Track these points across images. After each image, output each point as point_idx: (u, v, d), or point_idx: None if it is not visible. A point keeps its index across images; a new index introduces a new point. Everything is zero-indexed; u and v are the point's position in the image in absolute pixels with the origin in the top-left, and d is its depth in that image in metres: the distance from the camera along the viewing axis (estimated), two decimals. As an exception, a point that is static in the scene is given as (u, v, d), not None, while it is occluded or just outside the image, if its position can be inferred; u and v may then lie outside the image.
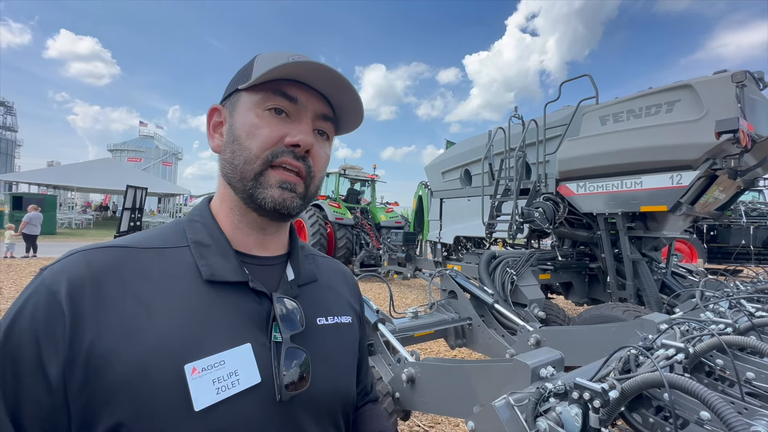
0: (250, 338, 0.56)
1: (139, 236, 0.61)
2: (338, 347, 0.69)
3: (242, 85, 0.62)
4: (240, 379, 0.52)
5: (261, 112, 0.62)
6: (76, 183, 24.25)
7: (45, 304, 0.48)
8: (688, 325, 1.58)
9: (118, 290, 0.51)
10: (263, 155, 0.60)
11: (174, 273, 0.56)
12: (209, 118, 0.68)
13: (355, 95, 0.65)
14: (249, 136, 0.61)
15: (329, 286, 0.76)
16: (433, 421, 2.68)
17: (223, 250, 0.61)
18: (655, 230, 3.82)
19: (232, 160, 0.62)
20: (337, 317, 0.71)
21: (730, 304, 2.09)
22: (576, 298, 4.75)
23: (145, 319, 0.50)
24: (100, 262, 0.53)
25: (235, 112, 0.64)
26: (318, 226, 8.88)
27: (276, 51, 0.65)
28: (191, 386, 0.48)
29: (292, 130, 0.62)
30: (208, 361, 0.51)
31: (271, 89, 0.62)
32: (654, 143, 3.36)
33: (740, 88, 2.89)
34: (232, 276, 0.59)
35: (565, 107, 4.75)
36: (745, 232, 11.08)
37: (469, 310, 2.74)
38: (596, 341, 2.07)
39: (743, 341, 1.22)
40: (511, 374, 1.20)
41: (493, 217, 5.04)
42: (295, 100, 0.63)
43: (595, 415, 0.92)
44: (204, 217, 0.65)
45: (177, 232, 0.63)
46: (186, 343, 0.51)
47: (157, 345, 0.49)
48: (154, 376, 0.48)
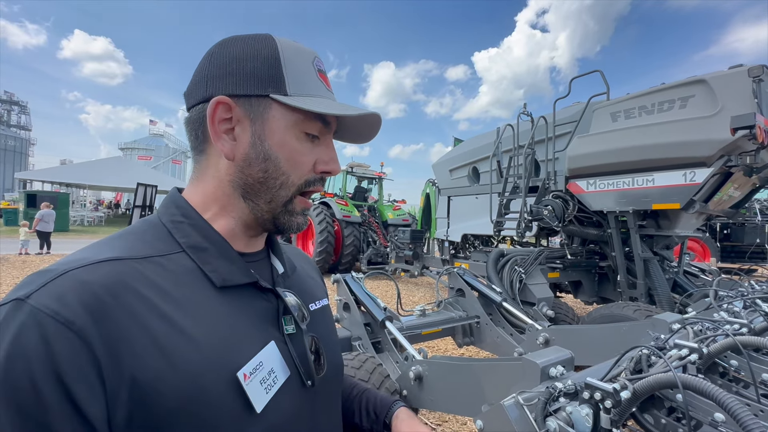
0: (270, 336, 0.58)
1: (120, 245, 0.52)
2: (329, 328, 0.74)
3: (280, 97, 0.56)
4: (277, 376, 0.55)
5: (299, 134, 0.59)
6: (87, 181, 24.65)
7: (57, 339, 0.39)
8: (701, 325, 1.55)
9: (139, 310, 0.46)
10: (299, 183, 0.60)
11: (182, 283, 0.52)
12: (213, 113, 0.56)
13: (377, 131, 0.68)
14: (289, 162, 0.58)
15: (306, 272, 0.79)
16: (440, 419, 2.68)
17: (225, 252, 0.58)
18: (667, 228, 3.76)
19: (263, 180, 0.58)
20: (320, 301, 0.75)
21: (745, 304, 2.05)
22: (585, 297, 4.70)
23: (177, 338, 0.47)
24: (109, 278, 0.46)
25: (267, 125, 0.57)
26: (325, 223, 8.90)
27: (296, 45, 0.60)
28: (248, 391, 0.50)
29: (321, 155, 0.61)
30: (251, 365, 0.52)
31: (311, 113, 0.58)
32: (667, 140, 3.30)
33: (757, 82, 2.82)
34: (242, 278, 0.58)
35: (575, 104, 4.69)
36: (759, 231, 10.84)
37: (477, 309, 2.73)
38: (606, 341, 2.04)
39: (759, 342, 1.20)
40: (520, 373, 1.19)
41: (502, 215, 5.01)
42: (329, 124, 0.62)
43: (606, 415, 0.91)
44: (189, 217, 0.58)
45: (161, 236, 0.56)
46: (227, 353, 0.51)
47: (202, 360, 0.47)
48: (211, 393, 0.47)
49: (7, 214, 20.04)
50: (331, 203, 9.45)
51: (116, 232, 0.57)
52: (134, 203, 12.77)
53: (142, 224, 0.58)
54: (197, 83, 0.59)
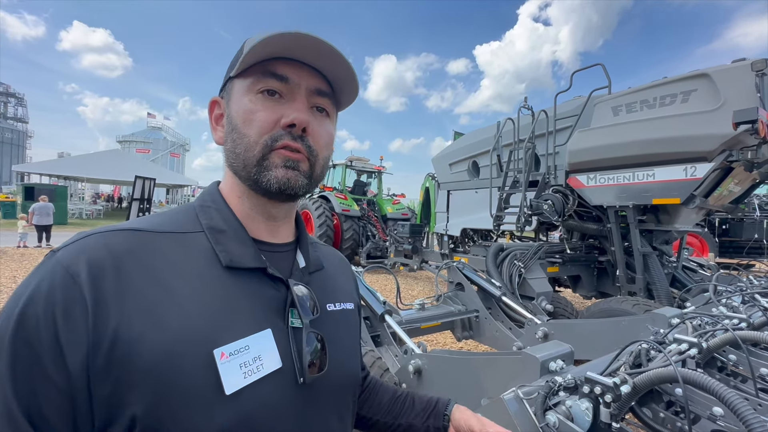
0: (269, 324, 0.57)
1: (151, 220, 0.59)
2: (346, 332, 0.71)
3: (233, 72, 0.61)
4: (264, 364, 0.53)
5: (254, 97, 0.60)
6: (85, 174, 24.54)
7: (63, 287, 0.46)
8: (700, 319, 1.56)
9: (140, 274, 0.50)
10: (262, 140, 0.59)
11: (192, 258, 0.55)
12: (210, 111, 0.67)
13: (346, 64, 0.62)
14: (245, 123, 0.60)
15: (333, 273, 0.78)
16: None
17: (240, 236, 0.61)
18: (666, 223, 3.76)
19: (233, 149, 0.61)
20: (342, 304, 0.73)
21: (744, 298, 2.05)
22: (584, 291, 4.72)
23: (169, 305, 0.50)
24: (120, 245, 0.51)
25: (231, 101, 0.63)
26: (325, 217, 8.89)
27: (265, 31, 0.61)
28: (221, 370, 0.49)
29: (286, 110, 0.60)
30: (234, 346, 0.51)
31: (260, 71, 0.60)
32: (668, 134, 3.29)
33: (760, 77, 2.80)
34: (251, 262, 0.59)
35: (576, 97, 4.66)
36: (758, 226, 10.86)
37: (476, 303, 2.74)
38: (606, 335, 2.04)
39: (758, 336, 1.20)
40: (520, 367, 1.19)
41: (501, 210, 5.00)
42: (286, 78, 0.61)
43: (606, 409, 0.91)
44: (216, 202, 0.64)
45: (189, 217, 0.61)
46: (213, 329, 0.51)
47: (185, 330, 0.49)
48: (184, 361, 0.47)
49: (5, 207, 19.97)
50: (330, 197, 9.43)
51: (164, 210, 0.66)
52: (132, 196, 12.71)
53: (183, 206, 0.65)
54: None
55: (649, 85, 3.53)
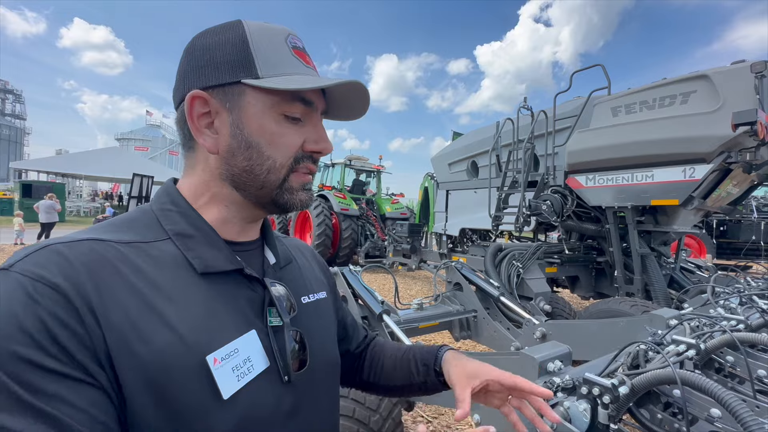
0: (252, 325, 0.56)
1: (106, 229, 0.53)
2: (323, 321, 0.72)
3: (250, 81, 0.55)
4: (253, 365, 0.53)
5: (278, 117, 0.57)
6: (84, 171, 24.44)
7: (44, 297, 0.41)
8: (698, 321, 1.56)
9: (116, 285, 0.47)
10: (288, 164, 0.59)
11: (164, 268, 0.52)
12: (191, 108, 0.56)
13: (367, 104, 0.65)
14: (272, 145, 0.57)
15: (303, 264, 0.77)
16: (436, 411, 2.70)
17: (211, 239, 0.58)
18: (665, 224, 3.77)
19: (248, 168, 0.57)
20: (315, 294, 0.73)
21: (741, 300, 2.05)
22: (582, 292, 4.72)
23: (150, 315, 0.47)
24: (87, 255, 0.47)
25: (243, 113, 0.56)
26: (323, 216, 8.88)
27: (266, 25, 0.59)
28: (216, 376, 0.49)
29: (308, 134, 0.60)
30: (224, 350, 0.51)
31: (288, 93, 0.57)
32: (667, 135, 3.29)
33: (759, 78, 2.81)
34: (227, 265, 0.57)
35: (575, 98, 4.66)
36: (756, 228, 10.89)
37: (474, 303, 2.73)
38: (604, 336, 2.05)
39: (755, 338, 1.20)
40: (518, 368, 1.19)
41: (500, 210, 5.00)
42: (312, 104, 0.60)
43: (604, 410, 0.91)
44: (179, 205, 0.59)
45: (149, 224, 0.56)
46: (200, 336, 0.50)
47: (172, 340, 0.47)
48: (176, 372, 0.46)
49: (2, 204, 19.90)
50: (329, 196, 9.42)
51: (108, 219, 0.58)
52: (130, 194, 12.68)
53: (134, 212, 0.59)
54: (178, 81, 0.60)
55: (648, 86, 3.53)
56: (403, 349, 0.88)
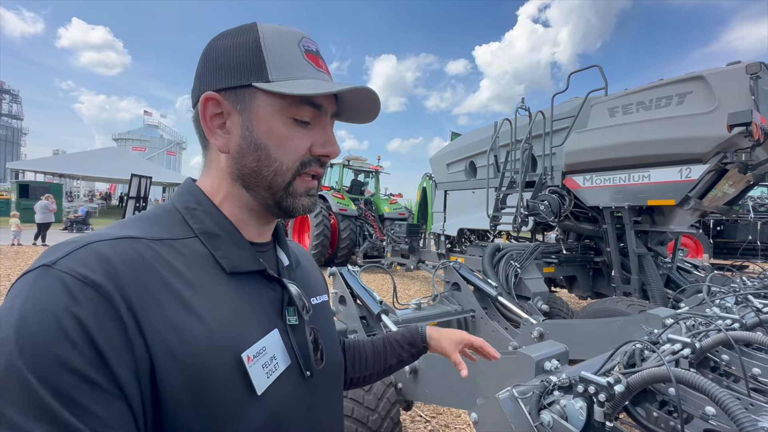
0: (274, 324, 0.59)
1: (136, 226, 0.54)
2: (328, 323, 0.75)
3: (261, 84, 0.56)
4: (278, 363, 0.56)
5: (287, 120, 0.58)
6: (81, 172, 24.36)
7: (87, 300, 0.41)
8: (694, 320, 1.57)
9: (156, 286, 0.47)
10: (294, 167, 0.60)
11: (194, 266, 0.53)
12: (204, 109, 0.58)
13: (378, 108, 0.66)
14: (279, 148, 0.58)
15: (307, 267, 0.80)
16: (435, 411, 2.70)
17: (236, 240, 0.60)
18: (662, 224, 3.79)
19: (257, 169, 0.59)
20: (320, 296, 0.76)
21: (737, 299, 2.07)
22: (580, 291, 4.74)
23: (187, 314, 0.48)
24: (129, 254, 0.47)
25: (253, 115, 0.57)
26: (322, 217, 8.88)
27: (280, 28, 0.60)
28: (251, 373, 0.51)
29: (317, 138, 0.61)
30: (255, 348, 0.53)
31: (298, 97, 0.57)
32: (664, 136, 3.31)
33: (755, 80, 2.83)
34: (251, 265, 0.59)
35: (573, 99, 4.68)
36: (752, 228, 10.94)
37: (472, 302, 2.74)
38: (600, 335, 2.06)
39: (750, 337, 1.21)
40: (515, 367, 1.20)
41: (498, 210, 5.02)
42: (321, 107, 0.60)
43: (600, 408, 0.92)
44: (203, 204, 0.60)
45: (176, 221, 0.58)
46: (235, 334, 0.52)
47: (210, 339, 0.49)
48: (217, 370, 0.48)
49: (-1, 204, 19.81)
50: (328, 196, 9.42)
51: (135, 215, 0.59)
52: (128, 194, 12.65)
53: (158, 209, 0.60)
54: (195, 82, 0.62)
55: (645, 87, 3.55)
56: (379, 338, 0.96)
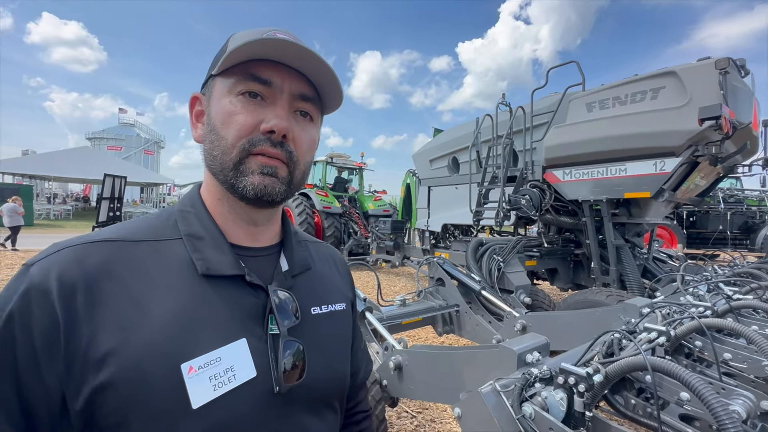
0: (245, 332, 0.56)
1: (129, 227, 0.58)
2: (333, 335, 0.70)
3: (214, 70, 0.60)
4: (236, 375, 0.53)
5: (234, 98, 0.59)
6: (53, 172, 23.44)
7: (38, 306, 0.47)
8: (669, 308, 1.62)
9: (112, 289, 0.50)
10: (239, 144, 0.58)
11: (168, 268, 0.55)
12: (191, 108, 0.66)
13: (330, 71, 0.62)
14: (224, 125, 0.58)
15: (322, 273, 0.76)
16: (420, 406, 2.72)
17: (218, 242, 0.60)
18: (638, 216, 3.89)
19: (211, 151, 0.60)
20: (331, 305, 0.71)
21: (709, 287, 2.14)
22: (561, 283, 4.84)
23: (140, 319, 0.50)
24: (93, 259, 0.51)
25: (212, 100, 0.61)
26: (305, 215, 8.80)
27: (252, 29, 0.61)
28: (188, 385, 0.49)
29: (267, 115, 0.59)
30: (204, 358, 0.51)
31: (242, 72, 0.58)
32: (639, 130, 3.40)
33: (723, 75, 2.92)
34: (228, 269, 0.58)
35: (552, 94, 4.75)
36: (722, 218, 11.41)
37: (456, 297, 2.76)
38: (581, 325, 2.10)
39: (721, 323, 1.25)
40: (498, 360, 1.21)
41: (481, 205, 5.07)
42: (269, 82, 0.59)
43: (579, 399, 0.93)
44: (196, 207, 0.63)
45: (168, 224, 0.60)
46: (182, 342, 0.51)
47: (152, 346, 0.49)
48: (150, 377, 0.48)
49: (-35, 207, 18.88)
50: (311, 194, 9.33)
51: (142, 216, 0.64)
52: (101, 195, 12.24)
53: (164, 211, 0.64)
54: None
55: (620, 82, 3.63)
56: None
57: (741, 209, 11.48)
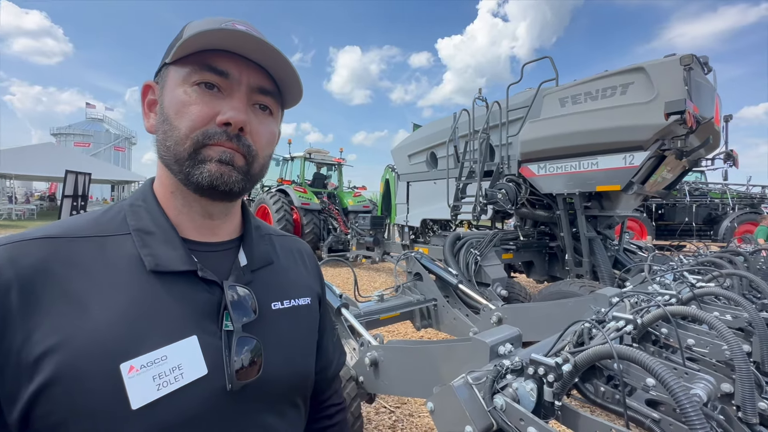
0: (197, 330, 0.54)
1: (71, 222, 0.56)
2: (295, 330, 0.68)
3: (168, 58, 0.58)
4: (184, 373, 0.51)
5: (189, 88, 0.57)
6: (14, 170, 22.19)
7: None
8: (637, 297, 1.66)
9: (50, 288, 0.48)
10: (193, 135, 0.56)
11: (113, 265, 0.53)
12: (143, 96, 0.63)
13: (290, 65, 0.61)
14: (178, 115, 0.57)
15: (286, 267, 0.74)
16: (399, 401, 2.72)
17: (168, 237, 0.58)
18: (609, 209, 4.01)
19: (164, 141, 0.58)
20: (294, 300, 0.70)
21: (675, 276, 2.23)
22: (537, 276, 4.95)
23: (79, 318, 0.48)
24: (28, 258, 0.49)
25: (165, 89, 0.59)
26: (284, 211, 8.66)
27: (209, 18, 0.59)
28: (128, 385, 0.47)
29: (224, 107, 0.57)
30: (147, 357, 0.49)
31: (198, 62, 0.57)
32: (609, 125, 3.48)
33: (687, 71, 3.03)
34: (179, 265, 0.56)
35: (527, 89, 4.82)
36: (688, 210, 11.95)
37: (434, 291, 2.77)
38: (554, 316, 2.14)
39: (685, 311, 1.29)
40: (471, 353, 1.20)
41: (458, 199, 5.11)
42: (226, 74, 0.58)
43: (549, 389, 0.94)
44: (147, 201, 0.61)
45: (116, 218, 0.58)
46: (123, 341, 0.49)
47: (91, 345, 0.47)
48: (87, 378, 0.46)
49: None
50: (289, 190, 9.19)
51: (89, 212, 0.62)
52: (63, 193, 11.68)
53: (112, 205, 0.62)
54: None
55: (592, 77, 3.71)
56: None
57: (705, 202, 12.05)
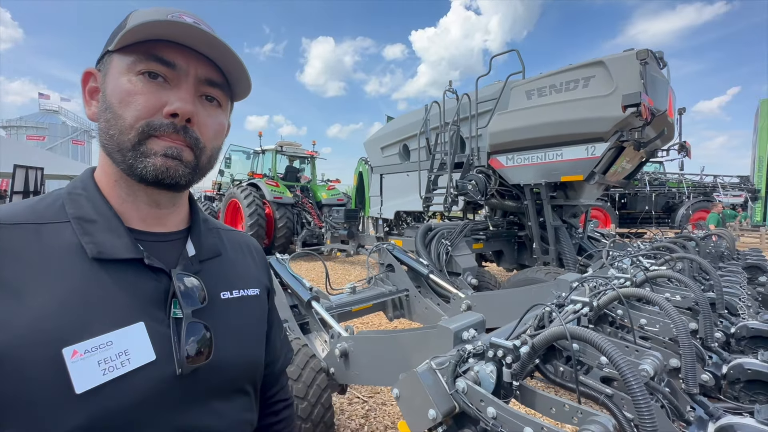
0: (144, 316, 0.55)
1: (5, 209, 0.54)
2: (244, 318, 0.69)
3: (111, 46, 0.56)
4: (131, 359, 0.51)
5: (134, 77, 0.56)
6: (-41, 166, 20.59)
7: None
8: (595, 281, 1.74)
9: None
10: (138, 125, 0.55)
11: (51, 252, 0.52)
12: (84, 84, 0.61)
13: (237, 58, 0.61)
14: (122, 104, 0.56)
15: (234, 260, 0.75)
16: (372, 391, 2.75)
17: (112, 225, 0.57)
18: (573, 198, 4.16)
19: (107, 130, 0.57)
20: (242, 290, 0.71)
21: (632, 261, 2.35)
22: (506, 264, 5.09)
23: (13, 306, 0.47)
24: None
25: (108, 77, 0.58)
26: (255, 206, 8.47)
27: (155, 8, 0.58)
28: (71, 370, 0.47)
29: (170, 97, 0.57)
30: (91, 342, 0.49)
31: (143, 52, 0.56)
32: (572, 117, 3.61)
33: (643, 65, 3.17)
34: (124, 253, 0.56)
35: (496, 82, 4.90)
36: (648, 199, 12.61)
37: (406, 282, 2.80)
38: (519, 302, 2.21)
39: (638, 292, 1.36)
40: (436, 339, 1.23)
41: (430, 191, 5.16)
42: (173, 65, 0.57)
43: (507, 370, 0.97)
44: (87, 189, 0.59)
45: (53, 206, 0.57)
46: (64, 327, 0.48)
47: (27, 332, 0.46)
48: (27, 365, 0.45)
49: None
50: (261, 184, 8.99)
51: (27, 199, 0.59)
52: (12, 189, 10.94)
53: (48, 194, 0.60)
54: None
55: (556, 71, 3.82)
56: None
57: (663, 191, 12.75)
